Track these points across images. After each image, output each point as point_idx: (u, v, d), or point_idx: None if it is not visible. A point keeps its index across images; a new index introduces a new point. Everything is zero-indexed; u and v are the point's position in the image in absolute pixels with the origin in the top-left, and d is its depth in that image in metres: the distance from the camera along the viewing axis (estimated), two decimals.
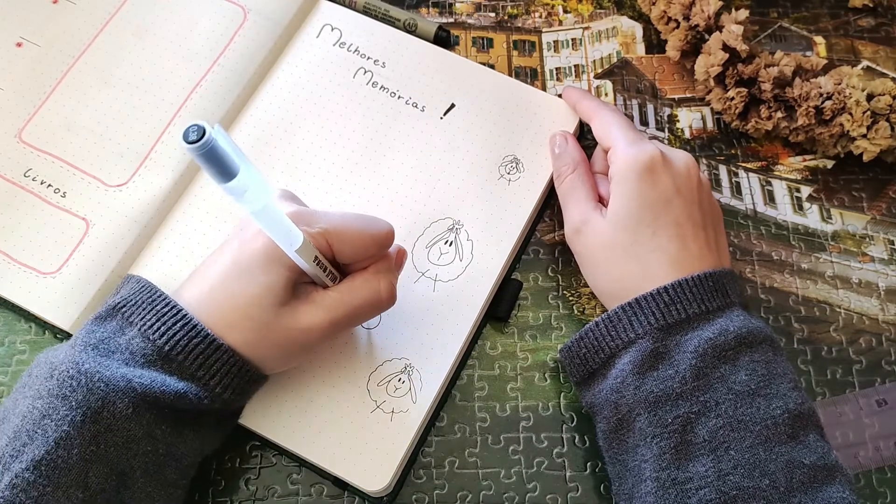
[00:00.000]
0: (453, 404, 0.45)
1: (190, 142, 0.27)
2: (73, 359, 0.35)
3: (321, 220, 0.37)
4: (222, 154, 0.28)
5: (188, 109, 0.49)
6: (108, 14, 0.52)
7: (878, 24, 0.57)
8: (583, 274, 0.46)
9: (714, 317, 0.40)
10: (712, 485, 0.36)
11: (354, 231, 0.38)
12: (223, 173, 0.28)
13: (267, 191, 0.30)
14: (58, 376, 0.34)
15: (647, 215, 0.42)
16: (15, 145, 0.48)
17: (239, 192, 0.29)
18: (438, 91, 0.51)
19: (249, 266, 0.37)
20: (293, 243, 0.34)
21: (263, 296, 0.36)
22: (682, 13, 0.53)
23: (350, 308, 0.38)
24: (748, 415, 0.37)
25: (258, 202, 0.31)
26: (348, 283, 0.39)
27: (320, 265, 0.37)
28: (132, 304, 0.38)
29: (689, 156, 0.44)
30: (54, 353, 0.36)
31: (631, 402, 0.39)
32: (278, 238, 0.34)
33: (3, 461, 0.33)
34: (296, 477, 0.43)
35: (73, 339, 0.37)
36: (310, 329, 0.37)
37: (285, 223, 0.34)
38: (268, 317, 0.37)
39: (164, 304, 0.37)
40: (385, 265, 0.39)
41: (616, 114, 0.47)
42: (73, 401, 0.34)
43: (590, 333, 0.41)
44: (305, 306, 0.37)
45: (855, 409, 0.46)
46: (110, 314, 0.37)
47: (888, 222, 0.50)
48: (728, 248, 0.45)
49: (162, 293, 0.38)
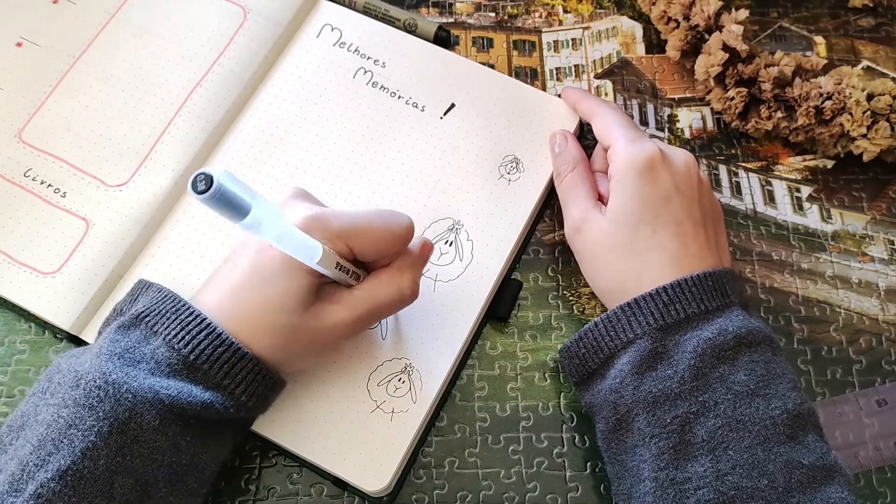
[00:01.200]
0: (453, 404, 0.45)
1: (200, 191, 0.27)
2: (99, 368, 0.34)
3: (339, 220, 0.37)
4: (232, 197, 0.28)
5: (188, 109, 0.49)
6: (108, 14, 0.52)
7: (878, 24, 0.57)
8: (582, 272, 0.46)
9: (713, 317, 0.39)
10: (711, 485, 0.36)
11: (373, 231, 0.37)
12: (237, 213, 0.28)
13: (281, 219, 0.31)
14: (84, 385, 0.34)
15: (647, 213, 0.42)
16: (15, 145, 0.48)
17: (255, 226, 0.29)
18: (438, 91, 0.51)
19: (271, 273, 0.36)
20: (313, 256, 0.34)
21: (288, 302, 0.36)
22: (682, 13, 0.53)
23: (374, 305, 0.38)
24: (747, 415, 0.37)
25: (274, 232, 0.31)
26: (372, 281, 0.39)
27: (343, 269, 0.37)
28: (155, 313, 0.37)
29: (689, 154, 0.44)
30: (77, 360, 0.36)
31: (630, 402, 0.39)
32: (299, 255, 0.34)
33: (28, 469, 0.33)
34: (296, 477, 0.43)
35: (97, 348, 0.36)
36: (335, 327, 0.38)
37: (303, 241, 0.34)
38: (294, 321, 0.37)
39: (188, 312, 0.37)
40: (408, 260, 0.39)
41: (617, 112, 0.47)
42: (101, 411, 0.33)
43: (589, 334, 0.41)
44: (329, 306, 0.38)
45: (855, 409, 0.46)
46: (134, 323, 0.37)
47: (888, 222, 0.50)
48: (728, 247, 0.45)
49: (185, 302, 0.38)
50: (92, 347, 0.37)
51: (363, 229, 0.37)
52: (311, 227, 0.36)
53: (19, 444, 0.34)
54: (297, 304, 0.37)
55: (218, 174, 0.27)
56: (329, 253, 0.35)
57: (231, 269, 0.38)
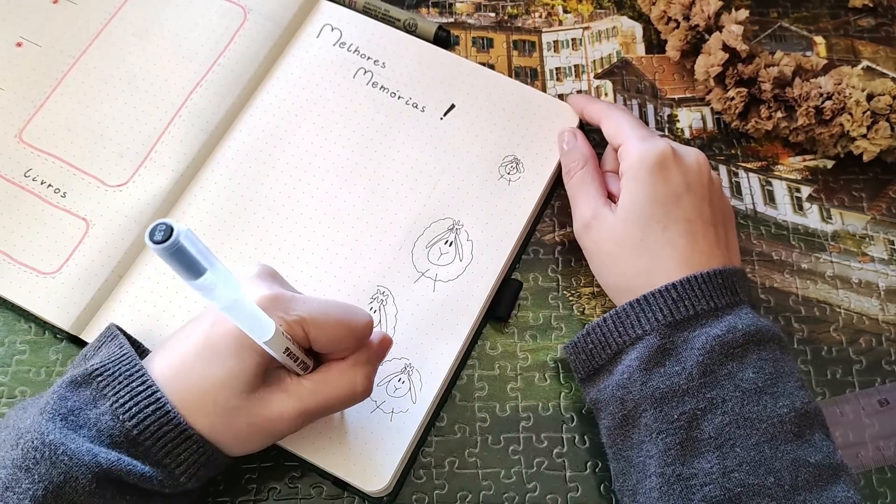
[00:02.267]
0: (453, 404, 0.45)
1: (156, 241, 0.26)
2: (39, 428, 0.34)
3: (299, 307, 0.36)
4: (188, 255, 0.27)
5: (188, 109, 0.49)
6: (109, 14, 0.52)
7: (878, 24, 0.57)
8: (591, 269, 0.46)
9: (722, 314, 0.40)
10: (717, 481, 0.36)
11: (332, 321, 0.36)
12: (190, 271, 0.28)
13: (235, 288, 0.30)
14: (23, 445, 0.33)
15: (657, 211, 0.42)
16: (15, 145, 0.48)
17: (207, 289, 0.29)
18: (438, 91, 0.51)
19: (219, 349, 0.35)
20: (263, 335, 0.33)
21: (230, 382, 0.35)
22: (682, 13, 0.53)
23: (323, 399, 0.37)
24: (754, 412, 0.37)
25: (226, 299, 0.30)
26: (323, 374, 0.37)
27: (291, 356, 0.36)
28: (108, 373, 0.36)
29: (701, 152, 0.44)
30: (23, 415, 0.36)
31: (637, 397, 0.39)
32: (248, 329, 0.33)
33: None
34: (296, 477, 0.43)
35: (43, 404, 0.35)
36: (279, 418, 0.36)
37: (256, 315, 0.33)
38: (235, 402, 0.36)
39: (140, 381, 0.36)
40: (364, 357, 0.38)
41: (626, 112, 0.47)
42: (36, 474, 0.33)
43: (597, 329, 0.41)
44: (276, 394, 0.36)
45: (856, 409, 0.46)
46: (86, 381, 0.36)
47: (888, 222, 0.50)
48: (738, 247, 0.45)
49: (140, 366, 0.36)
50: (39, 400, 0.36)
51: (323, 318, 0.36)
52: (270, 307, 0.35)
53: None
54: (242, 386, 0.35)
55: (179, 228, 0.27)
56: (280, 335, 0.34)
57: (185, 337, 0.37)
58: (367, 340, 0.38)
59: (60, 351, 0.45)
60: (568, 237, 0.49)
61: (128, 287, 0.45)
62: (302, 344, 0.37)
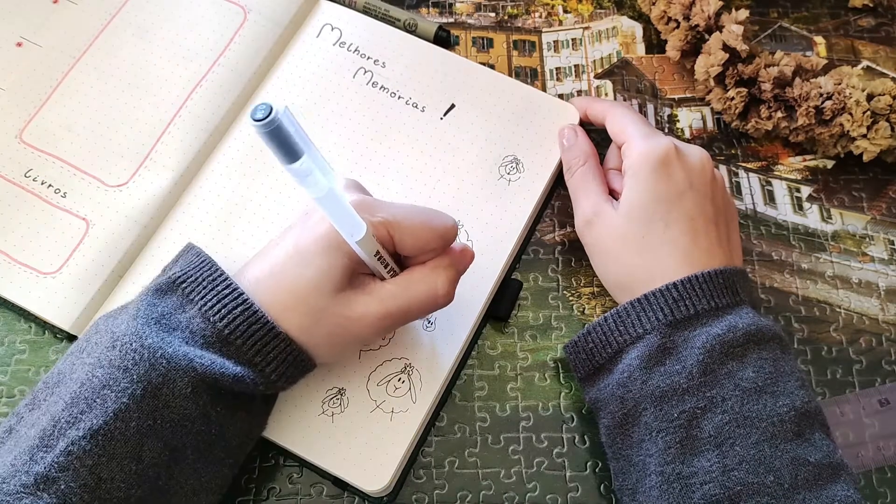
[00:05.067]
0: (453, 404, 0.45)
1: (256, 119, 0.27)
2: (136, 331, 0.35)
3: (385, 210, 0.37)
4: (287, 135, 0.28)
5: (188, 109, 0.49)
6: (109, 14, 0.52)
7: (878, 24, 0.57)
8: (592, 266, 0.46)
9: (723, 313, 0.40)
10: (717, 480, 0.36)
11: (417, 223, 0.37)
12: (288, 154, 0.28)
13: (331, 176, 0.31)
14: (121, 347, 0.34)
15: (659, 208, 0.42)
16: (16, 145, 0.48)
17: (303, 175, 0.29)
18: (438, 91, 0.51)
19: (309, 250, 0.37)
20: (355, 234, 0.34)
21: (320, 281, 0.36)
22: (682, 13, 0.53)
23: (405, 302, 0.38)
24: (754, 411, 0.37)
25: (322, 187, 0.31)
26: (406, 277, 0.38)
27: (381, 260, 0.37)
28: (192, 279, 0.37)
29: (704, 151, 0.44)
30: (114, 321, 0.36)
31: (637, 396, 0.39)
32: (341, 226, 0.34)
33: (60, 426, 0.33)
34: (296, 477, 0.43)
35: (133, 310, 0.36)
36: (362, 318, 0.37)
37: (349, 211, 0.34)
38: (324, 302, 0.37)
39: (225, 284, 0.37)
40: (446, 261, 0.39)
41: (629, 110, 0.47)
42: (135, 374, 0.34)
43: (597, 328, 0.41)
44: (361, 296, 0.37)
45: (856, 409, 0.46)
46: (170, 288, 0.37)
47: (888, 222, 0.50)
48: (741, 246, 0.45)
49: (221, 271, 0.38)
50: (129, 308, 0.37)
51: (408, 221, 0.37)
52: (359, 209, 0.36)
53: (52, 400, 0.34)
54: (330, 286, 0.36)
55: (278, 107, 0.27)
56: (371, 237, 0.35)
57: (275, 245, 0.39)
58: (450, 244, 0.39)
59: (60, 351, 0.45)
60: (568, 237, 0.49)
61: (128, 287, 0.45)
62: (387, 246, 0.37)
